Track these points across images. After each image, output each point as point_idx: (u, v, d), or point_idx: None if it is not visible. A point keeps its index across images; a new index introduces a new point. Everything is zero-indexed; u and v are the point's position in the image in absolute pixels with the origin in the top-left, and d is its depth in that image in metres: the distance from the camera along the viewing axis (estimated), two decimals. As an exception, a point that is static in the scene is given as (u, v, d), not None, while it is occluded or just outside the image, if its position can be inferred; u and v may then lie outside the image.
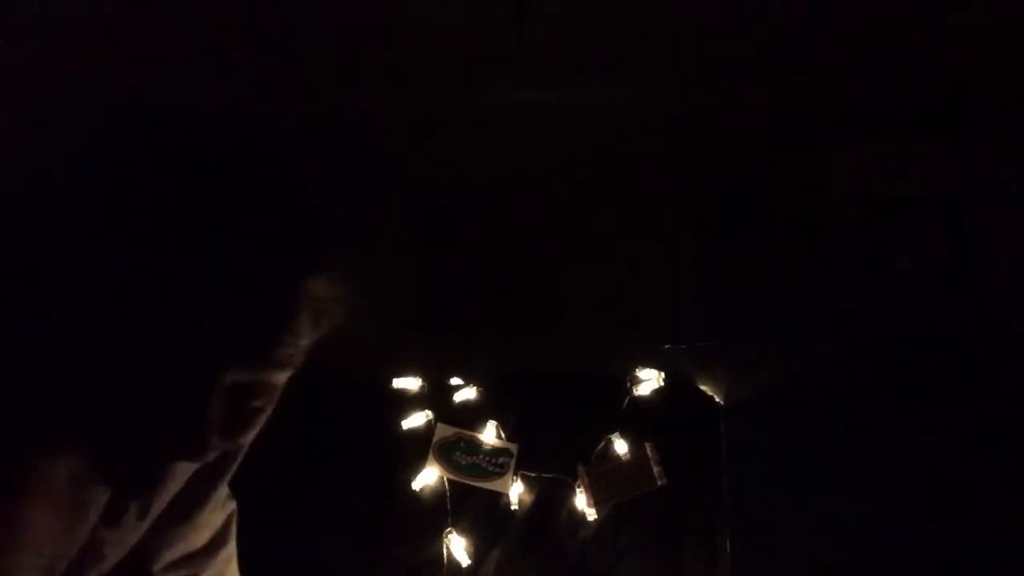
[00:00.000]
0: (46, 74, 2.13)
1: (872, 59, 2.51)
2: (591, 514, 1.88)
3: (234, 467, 1.23)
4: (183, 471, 1.10)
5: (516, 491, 1.96)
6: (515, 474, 1.86)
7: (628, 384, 2.06)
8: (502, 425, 2.18)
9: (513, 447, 1.84)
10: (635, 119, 2.71)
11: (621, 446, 1.94)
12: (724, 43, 2.43)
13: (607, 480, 1.85)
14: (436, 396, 2.25)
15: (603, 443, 2.04)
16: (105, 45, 2.19)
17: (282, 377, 1.03)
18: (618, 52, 2.48)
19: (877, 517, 2.19)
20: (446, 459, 1.84)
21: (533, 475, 1.92)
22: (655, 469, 1.80)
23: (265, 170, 1.04)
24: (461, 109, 2.71)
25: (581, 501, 1.93)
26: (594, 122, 2.71)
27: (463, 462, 1.86)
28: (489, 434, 1.85)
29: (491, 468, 1.75)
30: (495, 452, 1.87)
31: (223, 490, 1.25)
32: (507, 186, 2.75)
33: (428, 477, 1.92)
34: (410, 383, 2.27)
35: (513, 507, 2.04)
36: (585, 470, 1.90)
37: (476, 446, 1.85)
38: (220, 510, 1.26)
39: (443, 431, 1.82)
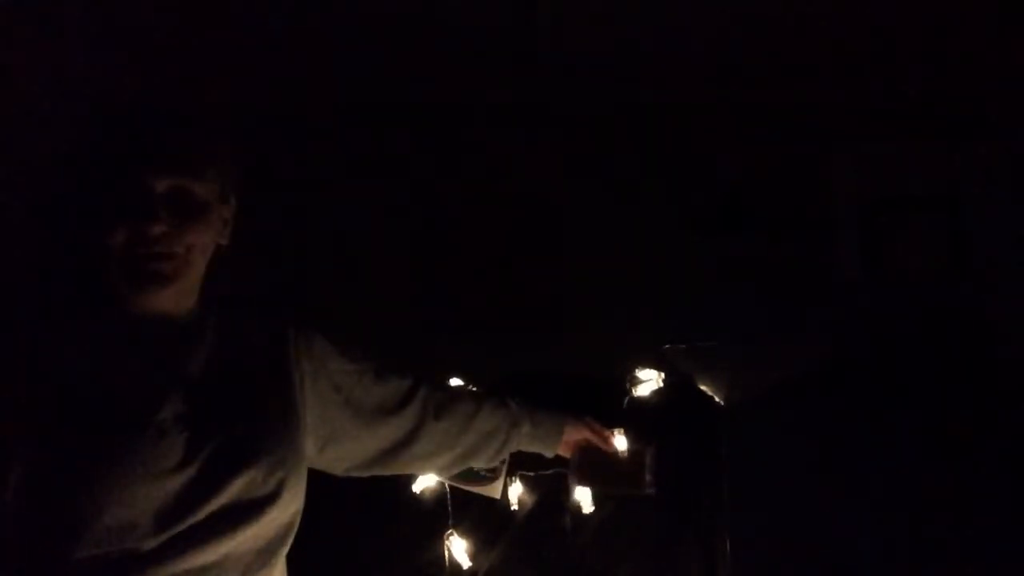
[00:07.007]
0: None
1: (872, 61, 2.52)
2: (573, 485, 1.82)
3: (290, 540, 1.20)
4: None
5: (515, 492, 1.95)
6: (509, 477, 1.84)
7: (628, 384, 2.05)
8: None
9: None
10: (635, 119, 2.71)
11: (621, 442, 1.93)
12: (724, 44, 2.44)
13: (597, 465, 1.82)
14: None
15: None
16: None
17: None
18: (618, 52, 2.49)
19: (876, 517, 2.19)
20: None
21: (532, 475, 1.92)
22: (647, 477, 1.77)
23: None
24: (462, 109, 2.72)
25: (572, 488, 1.89)
26: (594, 122, 2.72)
27: None
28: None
29: (482, 472, 1.73)
30: None
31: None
32: (507, 186, 2.75)
33: (428, 479, 1.91)
34: (410, 383, 2.26)
35: (513, 508, 2.04)
36: (580, 447, 1.85)
37: None
38: None
39: None
